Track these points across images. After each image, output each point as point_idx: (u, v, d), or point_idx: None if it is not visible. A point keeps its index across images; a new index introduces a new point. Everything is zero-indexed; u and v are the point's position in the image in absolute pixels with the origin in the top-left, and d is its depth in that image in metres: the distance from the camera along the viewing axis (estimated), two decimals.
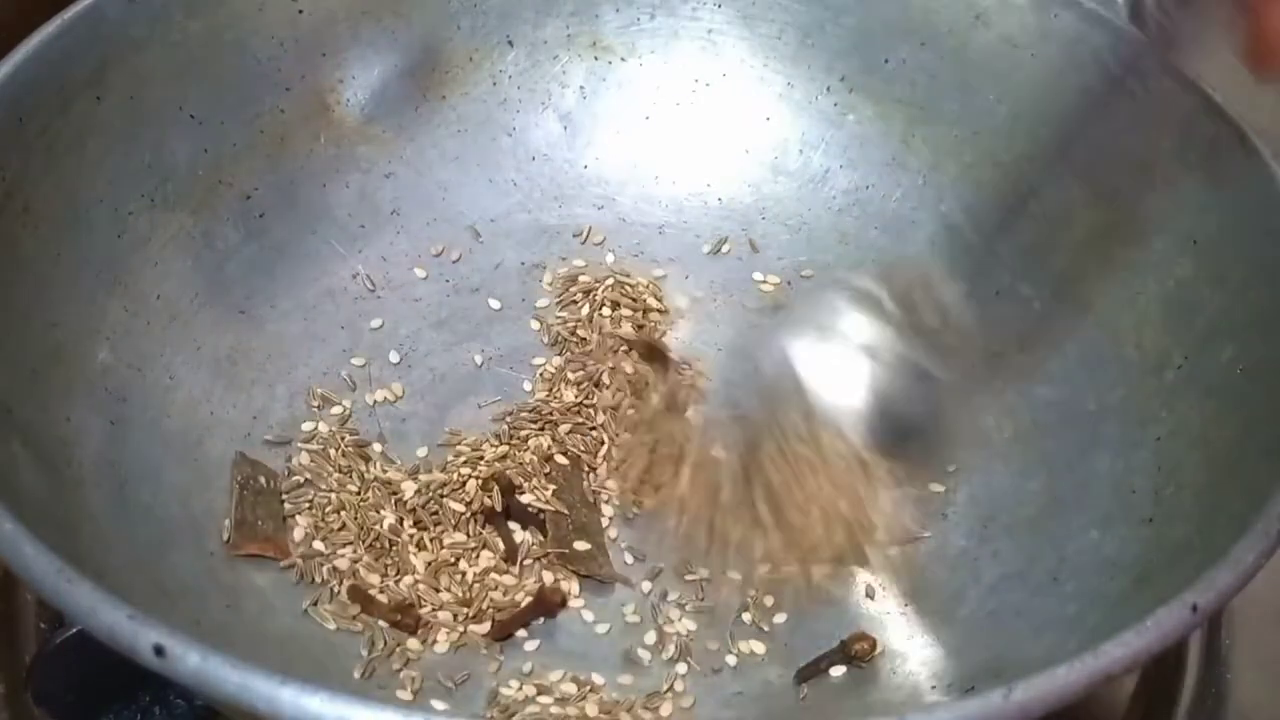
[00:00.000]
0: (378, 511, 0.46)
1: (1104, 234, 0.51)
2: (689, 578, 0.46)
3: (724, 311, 0.55)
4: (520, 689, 0.43)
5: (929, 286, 0.46)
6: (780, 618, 0.45)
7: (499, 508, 0.46)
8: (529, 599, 0.44)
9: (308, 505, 0.46)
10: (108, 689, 0.44)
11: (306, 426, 0.49)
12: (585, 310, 0.54)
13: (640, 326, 0.53)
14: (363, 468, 0.48)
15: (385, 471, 0.48)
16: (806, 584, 0.45)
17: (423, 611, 0.44)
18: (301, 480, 0.47)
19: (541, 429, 0.50)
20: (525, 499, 0.47)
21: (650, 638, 0.44)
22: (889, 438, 0.45)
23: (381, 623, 0.44)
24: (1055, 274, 0.52)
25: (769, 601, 0.45)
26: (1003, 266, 0.53)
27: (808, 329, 0.46)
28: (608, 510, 0.48)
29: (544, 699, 0.42)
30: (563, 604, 0.45)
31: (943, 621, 0.45)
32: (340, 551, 0.45)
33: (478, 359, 0.52)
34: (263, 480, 0.46)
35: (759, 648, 0.44)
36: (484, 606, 0.44)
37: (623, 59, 0.58)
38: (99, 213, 0.47)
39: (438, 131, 0.56)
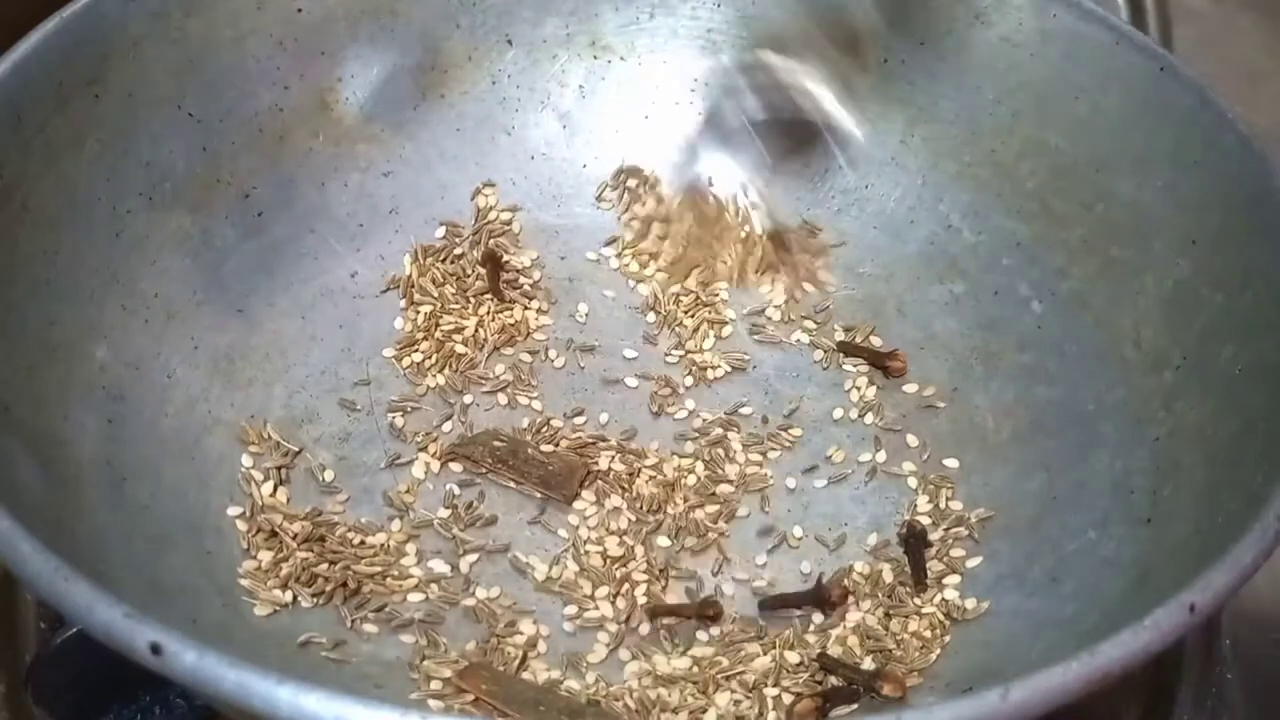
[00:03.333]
0: None
1: (1103, 234, 0.51)
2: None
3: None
4: None
5: None
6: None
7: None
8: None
9: None
10: (108, 689, 0.44)
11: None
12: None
13: None
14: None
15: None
16: None
17: None
18: None
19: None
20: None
21: None
22: None
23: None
24: (1055, 274, 0.52)
25: None
26: (1002, 268, 0.53)
27: None
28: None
29: None
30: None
31: None
32: None
33: None
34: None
35: None
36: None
37: (622, 58, 0.58)
38: (97, 211, 0.47)
39: (436, 130, 0.56)
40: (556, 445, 0.49)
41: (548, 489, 0.48)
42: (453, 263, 0.54)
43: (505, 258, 0.54)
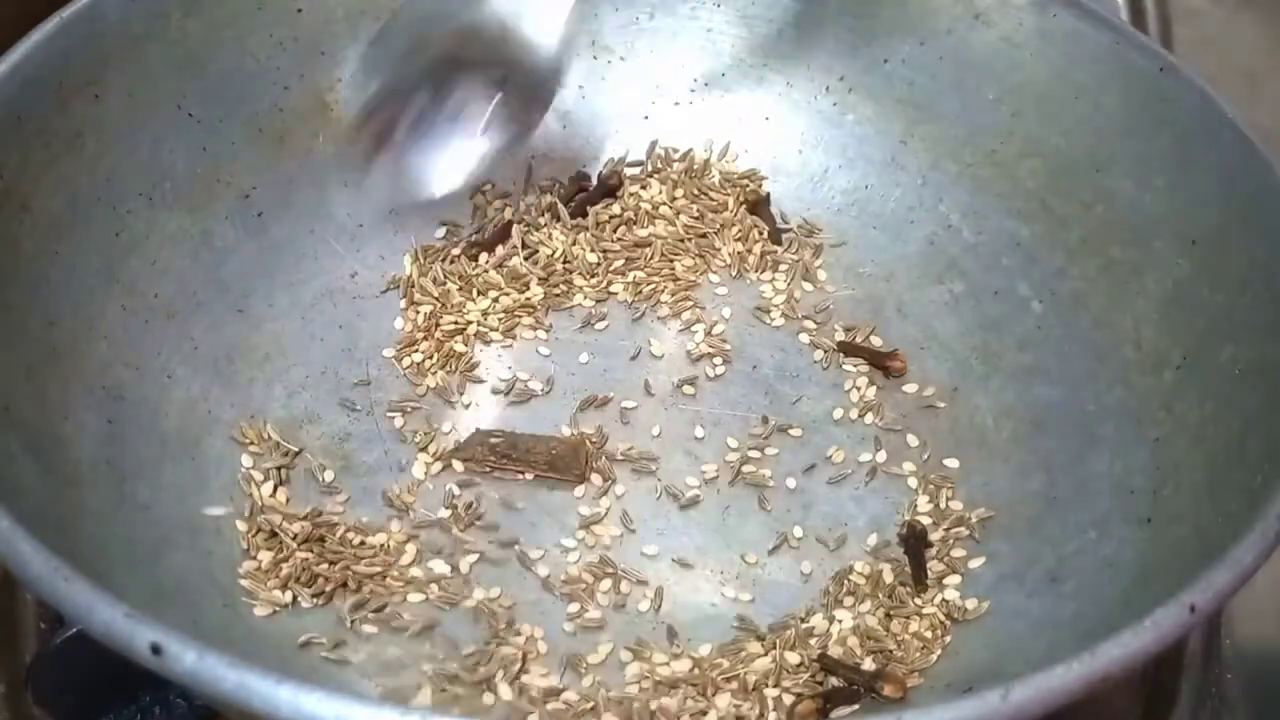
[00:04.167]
0: None
1: (1103, 234, 0.51)
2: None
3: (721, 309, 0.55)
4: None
5: None
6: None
7: None
8: None
9: None
10: (108, 689, 0.44)
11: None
12: None
13: None
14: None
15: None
16: None
17: None
18: None
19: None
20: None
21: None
22: None
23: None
24: (1055, 274, 0.52)
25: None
26: (1002, 268, 0.53)
27: None
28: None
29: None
30: None
31: None
32: None
33: None
34: None
35: None
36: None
37: (622, 58, 0.58)
38: (97, 211, 0.47)
39: None
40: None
41: (555, 471, 0.48)
42: (453, 262, 0.54)
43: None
